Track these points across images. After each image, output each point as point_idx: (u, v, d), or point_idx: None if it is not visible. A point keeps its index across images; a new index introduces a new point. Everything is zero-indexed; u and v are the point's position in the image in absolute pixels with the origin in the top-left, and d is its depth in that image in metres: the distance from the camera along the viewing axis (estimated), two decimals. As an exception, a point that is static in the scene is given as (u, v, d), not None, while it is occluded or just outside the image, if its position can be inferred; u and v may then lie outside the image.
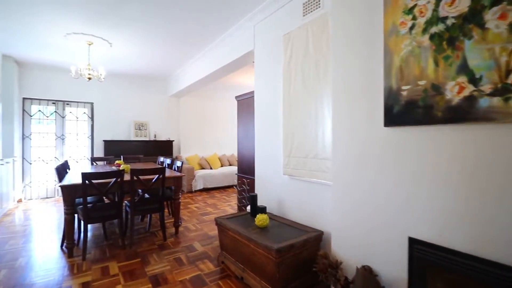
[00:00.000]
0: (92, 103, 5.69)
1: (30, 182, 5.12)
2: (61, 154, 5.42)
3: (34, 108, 5.18)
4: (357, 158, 1.61)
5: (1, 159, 3.87)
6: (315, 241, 2.03)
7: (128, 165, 3.40)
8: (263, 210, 2.43)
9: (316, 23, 2.20)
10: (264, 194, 2.88)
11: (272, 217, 2.51)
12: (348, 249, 1.67)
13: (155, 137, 6.34)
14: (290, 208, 2.53)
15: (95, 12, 2.97)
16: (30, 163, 5.14)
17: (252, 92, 3.28)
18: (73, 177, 2.88)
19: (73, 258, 2.57)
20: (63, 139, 5.45)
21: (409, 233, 1.36)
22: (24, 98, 5.01)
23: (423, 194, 1.30)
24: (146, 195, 3.03)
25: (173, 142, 6.50)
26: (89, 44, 3.81)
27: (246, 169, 3.54)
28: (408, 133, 1.36)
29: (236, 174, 3.82)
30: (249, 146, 3.46)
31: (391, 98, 1.43)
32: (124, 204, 3.29)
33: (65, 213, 2.57)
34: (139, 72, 5.60)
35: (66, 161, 3.92)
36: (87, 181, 2.52)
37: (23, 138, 5.03)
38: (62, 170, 3.15)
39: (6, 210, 4.15)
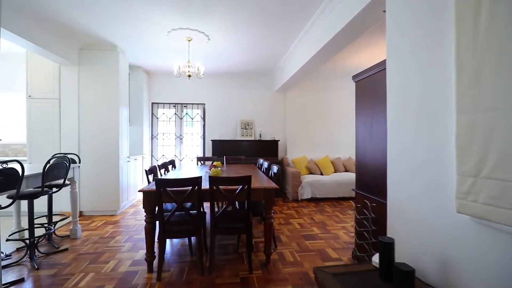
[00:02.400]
0: (204, 104, 5.89)
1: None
2: (179, 152, 5.88)
3: (160, 111, 5.83)
4: None
5: (128, 156, 4.36)
6: None
7: (219, 170, 2.91)
8: (407, 276, 1.23)
9: None
10: (407, 239, 1.59)
11: (427, 295, 1.26)
12: None
13: (260, 136, 5.92)
14: (474, 284, 1.18)
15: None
16: (157, 160, 5.82)
17: (381, 64, 2.05)
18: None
19: (151, 274, 2.25)
20: (181, 138, 5.89)
21: None
22: (152, 103, 5.70)
23: None
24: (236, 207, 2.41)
25: (279, 142, 5.89)
26: (189, 40, 3.66)
27: (370, 185, 2.31)
28: None
29: (353, 190, 2.64)
30: (375, 150, 2.23)
31: None
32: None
33: (145, 221, 2.30)
34: (242, 68, 5.29)
35: (172, 160, 3.96)
36: (161, 189, 2.14)
37: (151, 138, 5.74)
38: (155, 172, 3.03)
39: (134, 201, 4.70)
